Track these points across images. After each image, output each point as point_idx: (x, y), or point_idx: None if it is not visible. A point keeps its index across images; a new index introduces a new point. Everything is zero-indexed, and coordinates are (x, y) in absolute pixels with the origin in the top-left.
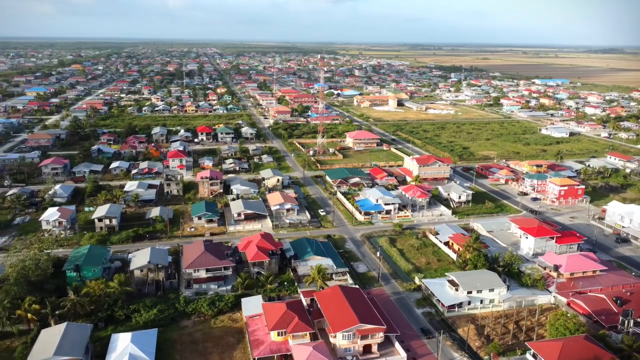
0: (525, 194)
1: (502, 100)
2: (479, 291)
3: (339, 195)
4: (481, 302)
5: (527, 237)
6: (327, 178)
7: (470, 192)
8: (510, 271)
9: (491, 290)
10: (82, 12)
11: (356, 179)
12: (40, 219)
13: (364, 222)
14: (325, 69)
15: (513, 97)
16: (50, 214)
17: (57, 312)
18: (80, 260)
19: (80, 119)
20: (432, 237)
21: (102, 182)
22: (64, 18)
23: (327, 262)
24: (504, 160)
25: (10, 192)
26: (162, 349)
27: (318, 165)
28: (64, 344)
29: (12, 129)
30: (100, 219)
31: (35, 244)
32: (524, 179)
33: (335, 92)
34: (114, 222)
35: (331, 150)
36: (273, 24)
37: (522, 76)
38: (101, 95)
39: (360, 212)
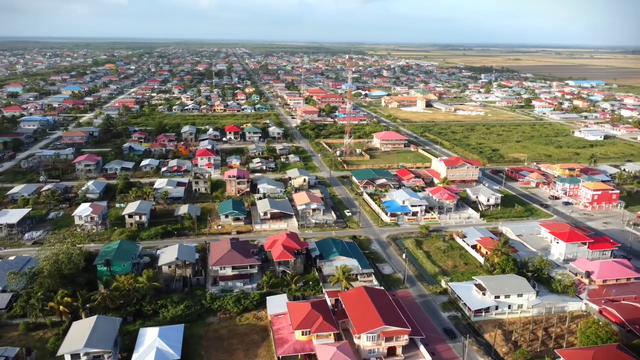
0: (557, 197)
1: (533, 102)
2: (507, 296)
3: (365, 196)
4: (509, 307)
5: (558, 242)
6: (354, 178)
7: (499, 195)
8: (540, 277)
9: (520, 295)
10: (117, 13)
11: (383, 180)
12: (73, 214)
13: (390, 224)
14: (353, 69)
15: (545, 98)
16: (83, 210)
17: (87, 305)
18: (110, 255)
19: (112, 117)
20: (459, 240)
21: (132, 179)
22: (99, 19)
23: (352, 262)
24: (534, 163)
25: (45, 187)
26: (188, 344)
27: (345, 165)
28: (94, 336)
29: (48, 127)
30: (130, 215)
31: (68, 238)
32: (555, 182)
33: (363, 92)
34: (144, 218)
35: (358, 150)
36: (302, 24)
37: (555, 77)
38: (133, 94)
39: (386, 214)
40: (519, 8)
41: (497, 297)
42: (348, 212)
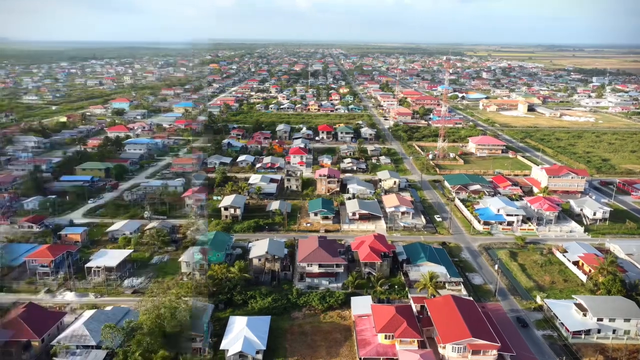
0: None
1: None
2: (612, 319)
3: (457, 202)
4: (613, 331)
5: None
6: (446, 183)
7: (608, 209)
8: None
9: (627, 320)
10: (221, 15)
11: (477, 186)
12: (180, 259)
13: (482, 232)
14: (451, 70)
15: None
16: (191, 255)
17: None
18: (207, 244)
19: (214, 115)
20: (559, 255)
21: (229, 173)
22: (205, 21)
23: (440, 269)
24: None
25: (150, 225)
26: (274, 336)
27: (437, 169)
28: None
29: (156, 151)
30: (226, 208)
31: (173, 289)
32: None
33: (460, 94)
34: (238, 212)
35: (452, 155)
36: (398, 25)
37: None
38: (233, 92)
39: (479, 221)
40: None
41: (600, 319)
42: (438, 218)
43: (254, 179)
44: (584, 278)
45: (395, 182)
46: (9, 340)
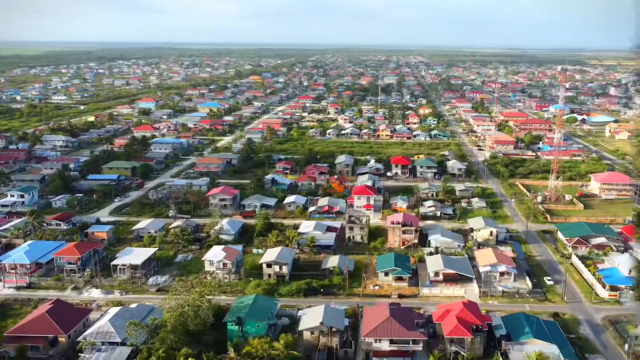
0: None
1: None
2: None
3: (575, 260)
4: None
5: None
6: (560, 235)
7: None
8: None
9: None
10: (267, 13)
11: (601, 240)
12: (203, 258)
13: (608, 300)
14: (567, 85)
15: None
16: (215, 254)
17: None
18: (243, 312)
19: (254, 142)
20: None
21: (274, 219)
22: (246, 20)
23: (551, 349)
24: None
25: (174, 224)
26: None
27: (547, 216)
28: None
29: (181, 151)
30: (269, 265)
31: (197, 287)
32: None
33: (580, 117)
34: (285, 269)
35: (567, 197)
36: (497, 24)
37: None
38: (280, 113)
39: (604, 286)
40: None
41: None
42: (549, 280)
43: (306, 226)
44: None
45: (491, 233)
46: (36, 336)
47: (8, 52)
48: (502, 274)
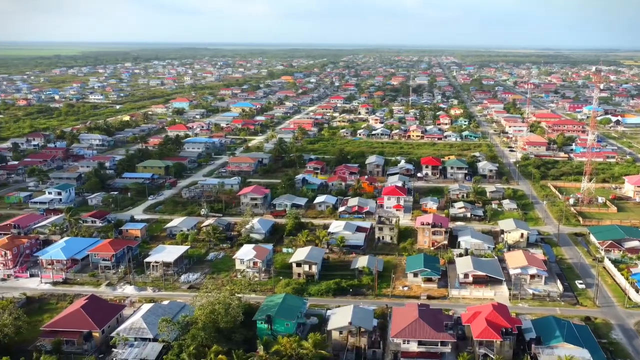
0: None
1: None
2: None
3: (607, 263)
4: None
5: None
6: (592, 238)
7: None
8: None
9: None
10: (300, 14)
11: (635, 243)
12: (234, 256)
13: None
14: (602, 85)
15: None
16: (245, 252)
17: None
18: (273, 310)
19: (285, 142)
20: None
21: (304, 218)
22: (279, 21)
23: (582, 353)
24: None
25: (206, 222)
26: None
27: (580, 219)
28: None
29: (214, 150)
30: (298, 264)
31: (227, 285)
32: None
33: (614, 118)
34: (314, 268)
35: (601, 199)
36: (530, 24)
37: None
38: (311, 113)
39: (637, 291)
40: None
41: None
42: (580, 284)
43: (336, 226)
44: None
45: (522, 235)
46: (71, 330)
47: (48, 53)
48: (532, 276)
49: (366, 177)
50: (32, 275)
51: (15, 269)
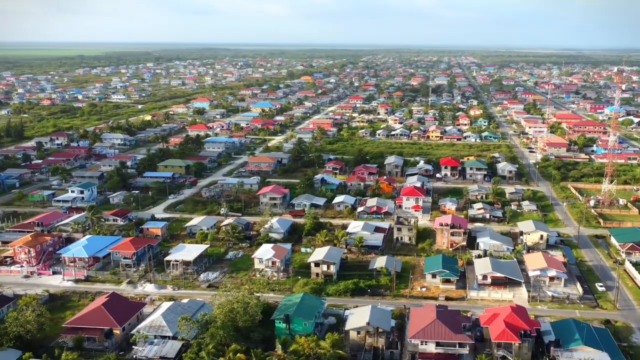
0: None
1: None
2: None
3: (628, 266)
4: None
5: None
6: (613, 240)
7: None
8: None
9: None
10: (319, 14)
11: None
12: (253, 256)
13: None
14: (624, 86)
15: None
16: (264, 252)
17: None
18: (291, 310)
19: (305, 142)
20: None
21: (322, 218)
22: (299, 21)
23: (601, 357)
24: None
25: (226, 222)
26: None
27: (600, 220)
28: None
29: (234, 150)
30: (317, 264)
31: (246, 284)
32: None
33: (636, 119)
34: (332, 269)
35: (622, 201)
36: (550, 24)
37: None
38: (330, 113)
39: None
40: None
41: None
42: (601, 287)
43: (354, 226)
44: None
45: (542, 237)
46: (92, 327)
47: (72, 53)
48: (552, 278)
49: (385, 177)
50: (54, 273)
51: (38, 267)
